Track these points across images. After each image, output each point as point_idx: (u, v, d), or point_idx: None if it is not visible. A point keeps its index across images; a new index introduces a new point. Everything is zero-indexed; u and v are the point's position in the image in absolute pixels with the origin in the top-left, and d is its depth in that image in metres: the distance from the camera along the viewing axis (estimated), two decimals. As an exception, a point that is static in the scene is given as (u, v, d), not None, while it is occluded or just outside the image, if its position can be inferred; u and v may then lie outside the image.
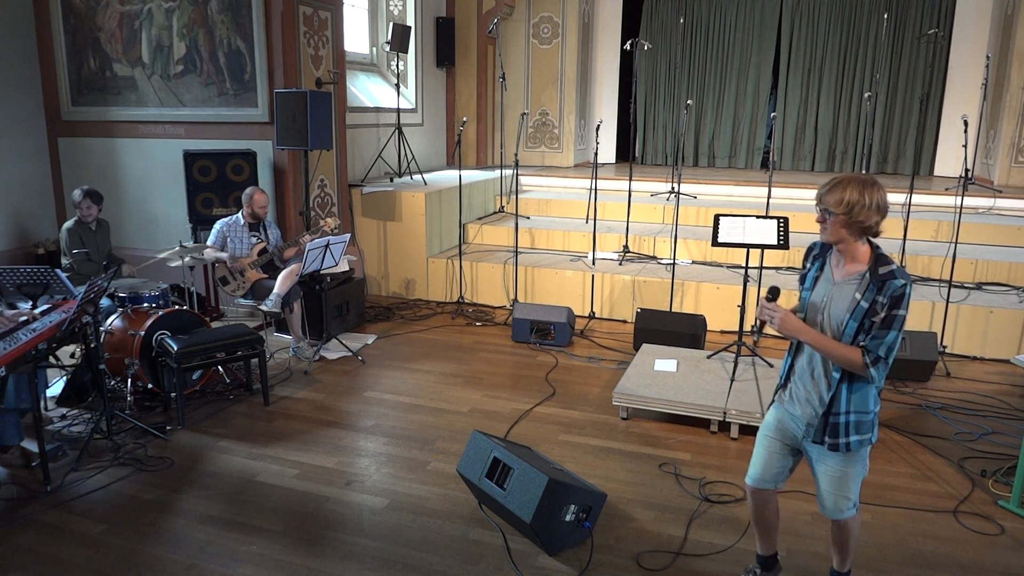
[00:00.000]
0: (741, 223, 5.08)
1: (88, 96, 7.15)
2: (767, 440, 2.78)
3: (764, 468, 2.79)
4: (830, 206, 2.44)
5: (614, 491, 3.74)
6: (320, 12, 6.90)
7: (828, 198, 2.45)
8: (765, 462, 2.78)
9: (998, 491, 3.78)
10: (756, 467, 2.81)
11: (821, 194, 2.49)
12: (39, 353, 3.70)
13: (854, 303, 2.46)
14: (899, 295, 2.39)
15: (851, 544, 2.81)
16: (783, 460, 2.77)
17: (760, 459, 2.79)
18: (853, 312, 2.45)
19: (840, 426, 2.56)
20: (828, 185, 2.48)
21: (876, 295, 2.42)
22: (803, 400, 2.65)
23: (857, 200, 2.39)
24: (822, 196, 2.48)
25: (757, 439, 2.83)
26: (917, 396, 5.05)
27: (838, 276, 2.54)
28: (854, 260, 2.51)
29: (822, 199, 2.48)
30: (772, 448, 2.77)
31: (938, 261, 6.35)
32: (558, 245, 7.81)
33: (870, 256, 2.50)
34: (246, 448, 4.24)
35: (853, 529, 2.76)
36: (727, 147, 10.88)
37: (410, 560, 3.22)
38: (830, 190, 2.45)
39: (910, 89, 9.85)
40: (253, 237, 5.73)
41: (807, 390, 2.64)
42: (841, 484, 2.64)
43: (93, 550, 3.27)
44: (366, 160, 8.16)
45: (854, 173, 2.61)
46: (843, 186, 2.43)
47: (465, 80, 10.22)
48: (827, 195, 2.46)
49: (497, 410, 4.83)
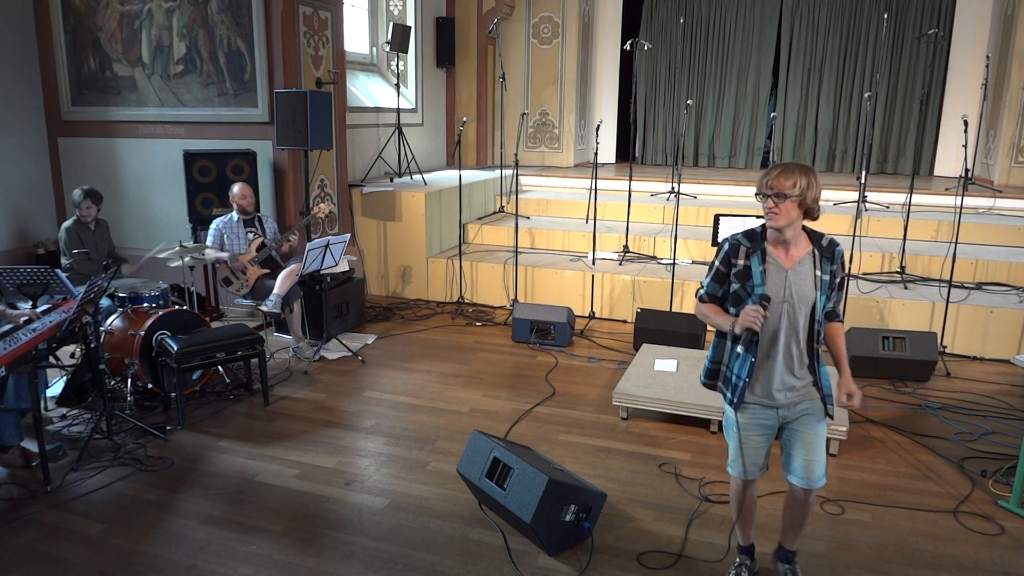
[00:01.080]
0: (741, 223, 5.08)
1: (88, 96, 7.15)
2: (747, 437, 2.80)
3: (752, 461, 2.83)
4: (785, 189, 2.53)
5: (614, 491, 3.74)
6: (320, 12, 6.90)
7: (781, 182, 2.53)
8: (752, 456, 2.82)
9: (998, 491, 3.78)
10: (746, 461, 2.83)
11: (769, 181, 2.56)
12: (39, 353, 3.70)
13: (816, 280, 2.62)
14: (843, 258, 2.70)
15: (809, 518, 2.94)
16: (765, 449, 2.85)
17: (747, 453, 2.82)
18: (820, 287, 2.63)
19: (831, 396, 2.75)
20: (774, 172, 2.57)
21: (831, 264, 2.65)
22: (784, 388, 2.69)
23: (807, 183, 2.54)
24: (771, 182, 2.55)
25: (734, 437, 2.84)
26: (917, 396, 5.05)
27: (789, 262, 2.63)
28: (798, 244, 2.63)
29: (772, 184, 2.55)
30: (756, 444, 2.81)
31: (938, 261, 6.35)
32: (558, 245, 7.81)
33: (806, 237, 2.67)
34: (246, 448, 4.24)
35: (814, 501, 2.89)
36: (727, 147, 10.88)
37: (410, 560, 3.22)
38: (779, 175, 2.54)
39: (910, 89, 9.85)
40: (249, 232, 5.73)
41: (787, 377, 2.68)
42: (820, 444, 2.77)
43: (93, 550, 3.27)
44: (366, 160, 8.16)
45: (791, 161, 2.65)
46: (791, 171, 2.54)
47: (465, 80, 10.22)
48: (778, 180, 2.54)
49: (497, 410, 4.83)
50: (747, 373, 2.71)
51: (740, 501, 2.94)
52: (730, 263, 2.70)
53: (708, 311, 2.78)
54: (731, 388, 2.78)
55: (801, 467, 2.76)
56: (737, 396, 2.76)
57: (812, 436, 2.74)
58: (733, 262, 2.69)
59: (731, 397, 2.78)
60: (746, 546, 3.07)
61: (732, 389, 2.78)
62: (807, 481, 2.76)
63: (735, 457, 2.86)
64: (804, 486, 2.78)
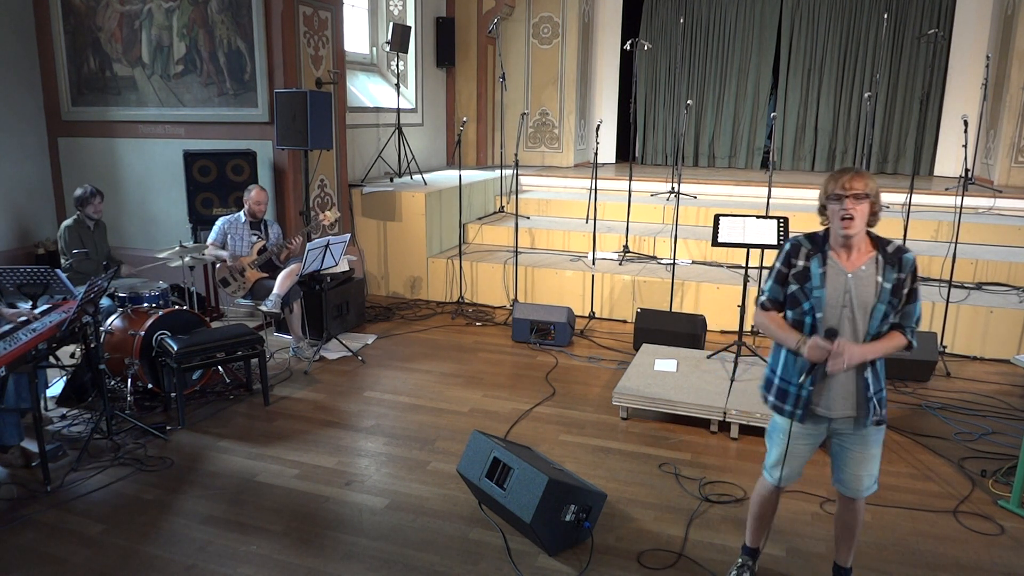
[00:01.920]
0: (741, 223, 5.08)
1: (88, 96, 7.15)
2: (794, 446, 2.70)
3: (792, 469, 2.77)
4: (863, 190, 2.46)
5: (614, 491, 3.74)
6: (320, 12, 6.90)
7: (856, 184, 2.46)
8: (792, 464, 2.75)
9: (998, 491, 3.78)
10: (785, 468, 2.75)
11: (844, 182, 2.47)
12: (39, 353, 3.70)
13: (878, 287, 2.52)
14: (915, 266, 2.55)
15: (860, 528, 2.87)
16: (807, 458, 2.80)
17: (790, 465, 2.74)
18: (880, 296, 2.52)
19: (881, 401, 2.63)
20: (846, 175, 2.48)
21: (897, 273, 2.52)
22: (839, 398, 2.60)
23: (876, 186, 2.50)
24: (847, 183, 2.46)
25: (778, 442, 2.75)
26: (917, 396, 5.05)
27: (850, 267, 2.54)
28: (860, 248, 2.55)
29: (849, 185, 2.46)
30: (801, 453, 2.75)
31: (938, 261, 6.34)
32: (558, 245, 7.81)
33: (869, 242, 2.58)
34: (246, 448, 4.24)
35: (863, 509, 2.83)
36: (727, 147, 10.88)
37: (410, 560, 3.22)
38: (853, 177, 2.47)
39: (910, 89, 9.85)
40: (254, 235, 5.73)
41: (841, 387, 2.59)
42: (872, 460, 2.70)
43: (93, 550, 3.27)
44: (366, 160, 8.16)
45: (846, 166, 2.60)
46: (860, 173, 2.48)
47: (465, 80, 10.22)
48: (852, 181, 2.46)
49: (497, 410, 4.83)
50: (811, 381, 2.60)
51: (764, 506, 2.90)
52: (790, 263, 2.61)
53: (771, 323, 2.66)
54: (791, 399, 2.65)
55: (850, 479, 2.73)
56: (801, 406, 2.63)
57: (865, 453, 2.68)
58: (793, 262, 2.60)
59: (791, 408, 2.65)
60: (752, 548, 3.04)
61: (793, 400, 2.65)
62: (855, 492, 2.74)
63: (775, 463, 2.78)
64: (851, 495, 2.76)
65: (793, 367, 2.65)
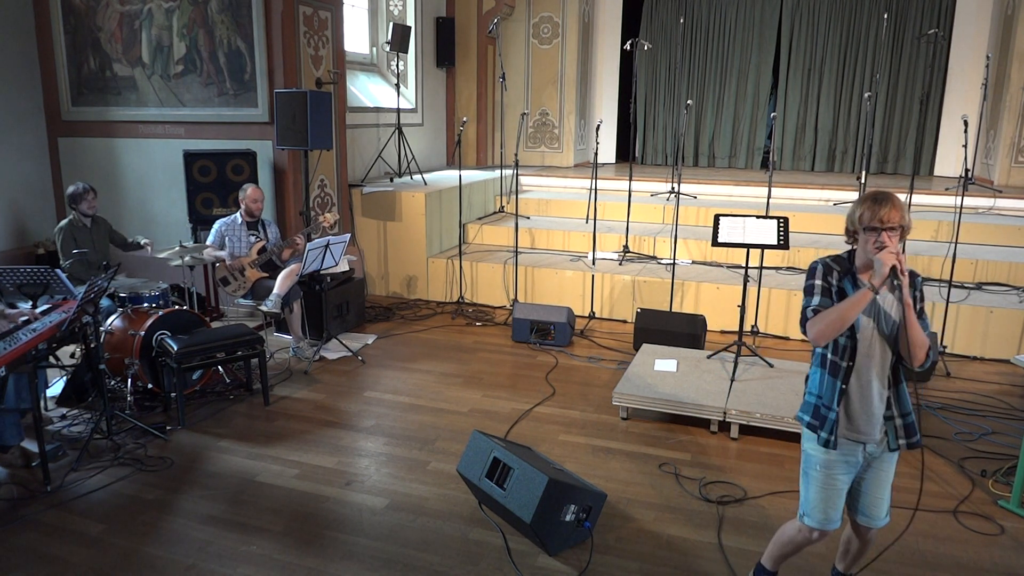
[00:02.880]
0: (741, 223, 5.08)
1: (88, 96, 7.15)
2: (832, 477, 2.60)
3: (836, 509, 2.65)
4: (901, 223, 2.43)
5: (614, 491, 3.74)
6: (320, 12, 6.90)
7: (893, 217, 2.42)
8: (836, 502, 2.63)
9: (998, 491, 3.78)
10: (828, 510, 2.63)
11: (882, 216, 2.41)
12: (39, 353, 3.71)
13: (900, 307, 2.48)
14: (923, 286, 2.57)
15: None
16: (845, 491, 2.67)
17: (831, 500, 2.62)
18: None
19: (913, 424, 2.58)
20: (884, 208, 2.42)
21: (913, 291, 2.53)
22: (871, 419, 2.54)
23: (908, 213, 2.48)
24: (884, 216, 2.41)
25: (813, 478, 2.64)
26: (917, 396, 5.04)
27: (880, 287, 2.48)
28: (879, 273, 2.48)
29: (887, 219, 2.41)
30: (841, 486, 2.62)
31: (938, 261, 6.34)
32: (558, 245, 7.81)
33: None
34: (246, 448, 4.24)
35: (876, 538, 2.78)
36: (727, 147, 10.88)
37: (410, 560, 3.22)
38: (891, 211, 2.42)
39: (910, 89, 9.85)
40: (251, 236, 5.72)
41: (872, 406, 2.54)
42: (889, 483, 2.66)
43: (93, 550, 3.27)
44: (366, 160, 8.16)
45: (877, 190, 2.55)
46: (895, 205, 2.44)
47: (465, 80, 10.22)
48: (890, 214, 2.42)
49: (497, 410, 4.83)
50: (836, 403, 2.54)
51: (797, 550, 2.79)
52: (828, 280, 2.56)
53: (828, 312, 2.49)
54: (820, 421, 2.58)
55: (869, 505, 2.64)
56: (827, 429, 2.55)
57: (886, 474, 2.63)
58: (829, 280, 2.56)
59: (825, 435, 2.56)
60: (772, 571, 2.94)
61: (822, 421, 2.58)
62: (872, 520, 2.67)
63: (816, 504, 2.62)
64: (868, 525, 2.69)
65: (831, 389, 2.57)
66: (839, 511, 2.64)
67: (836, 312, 2.46)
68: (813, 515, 2.65)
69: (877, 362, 2.52)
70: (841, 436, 2.56)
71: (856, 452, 2.59)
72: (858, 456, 2.60)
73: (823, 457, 2.60)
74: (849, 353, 2.53)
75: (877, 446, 2.58)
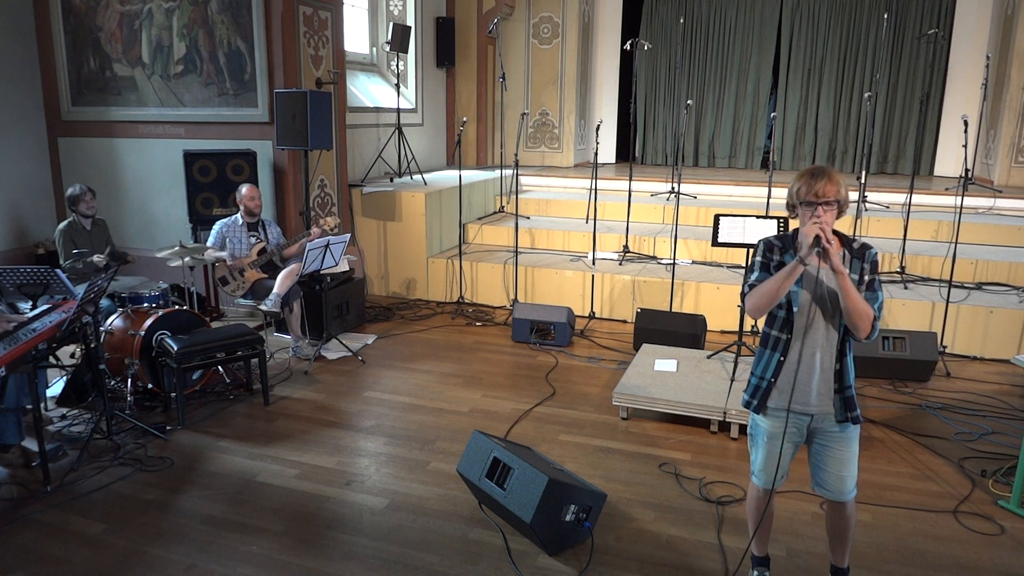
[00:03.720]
0: (741, 223, 5.08)
1: (88, 96, 7.15)
2: (777, 447, 2.71)
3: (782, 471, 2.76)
4: (836, 197, 2.53)
5: (614, 491, 3.74)
6: (320, 12, 6.90)
7: (828, 191, 2.52)
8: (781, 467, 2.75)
9: (998, 491, 3.78)
10: (769, 470, 2.77)
11: (817, 189, 2.53)
12: (39, 353, 3.70)
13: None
14: (876, 260, 2.64)
15: (852, 531, 2.86)
16: (791, 457, 2.80)
17: (771, 461, 2.75)
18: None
19: (853, 399, 2.66)
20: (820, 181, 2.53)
21: (862, 264, 2.61)
22: (816, 393, 2.63)
23: (845, 188, 2.58)
24: (820, 191, 2.53)
25: (759, 443, 2.79)
26: (917, 396, 5.05)
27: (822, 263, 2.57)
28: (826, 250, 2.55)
29: (822, 192, 2.52)
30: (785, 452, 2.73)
31: (938, 261, 6.34)
32: (558, 245, 7.81)
33: (836, 239, 2.63)
34: (246, 448, 4.24)
35: (854, 512, 2.83)
36: (727, 147, 10.88)
37: (410, 560, 3.22)
38: (827, 183, 2.53)
39: (910, 89, 9.85)
40: (252, 237, 5.72)
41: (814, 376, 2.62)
42: (852, 460, 2.72)
43: (93, 550, 3.27)
44: (366, 160, 8.16)
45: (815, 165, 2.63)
46: (831, 177, 2.54)
47: (465, 80, 10.22)
48: (826, 188, 2.53)
49: (497, 410, 4.83)
50: (772, 374, 2.67)
51: (761, 512, 2.88)
52: (768, 257, 2.66)
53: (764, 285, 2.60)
54: (752, 390, 2.74)
55: (833, 481, 2.73)
56: (758, 397, 2.71)
57: (846, 453, 2.70)
58: (770, 256, 2.66)
59: (748, 398, 2.73)
60: (761, 556, 3.02)
61: (753, 391, 2.73)
62: (838, 495, 2.75)
63: (762, 466, 2.79)
64: (835, 499, 2.77)
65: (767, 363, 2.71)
66: (782, 474, 2.78)
67: (768, 284, 2.59)
68: (760, 476, 2.83)
69: (821, 335, 2.62)
70: (780, 407, 2.67)
71: (800, 424, 2.70)
72: (802, 428, 2.71)
73: (768, 428, 2.74)
74: (787, 327, 2.64)
75: (825, 419, 2.67)
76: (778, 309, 2.65)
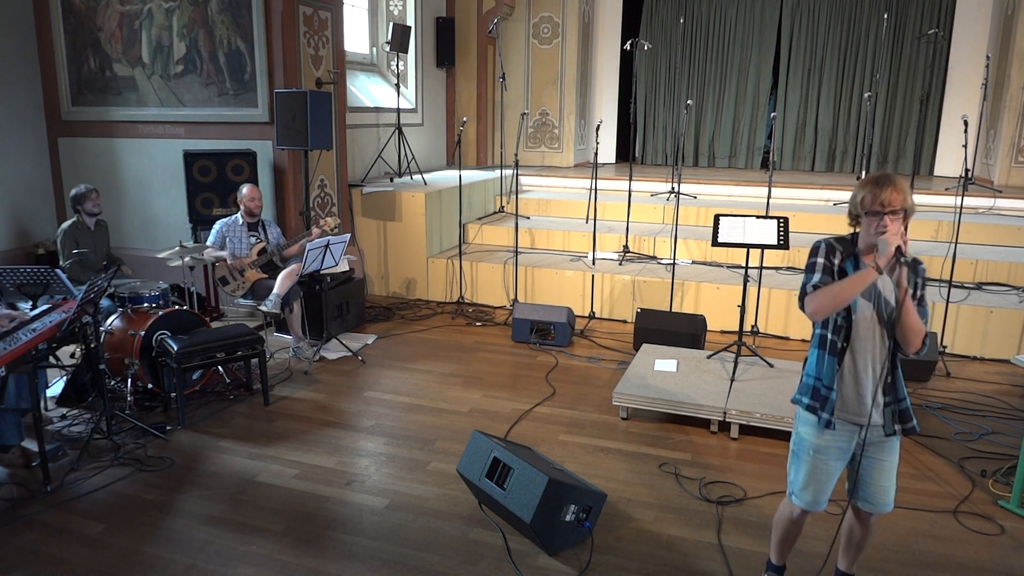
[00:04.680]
0: (741, 223, 5.08)
1: (88, 96, 7.15)
2: (825, 463, 2.62)
3: (825, 492, 2.67)
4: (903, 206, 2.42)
5: (614, 491, 3.74)
6: (320, 12, 6.90)
7: (895, 200, 2.40)
8: (825, 486, 2.65)
9: (998, 491, 3.78)
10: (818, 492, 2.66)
11: (883, 199, 2.40)
12: (39, 353, 3.70)
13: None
14: (926, 275, 2.59)
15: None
16: (838, 475, 2.68)
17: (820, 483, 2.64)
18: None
19: (908, 410, 2.60)
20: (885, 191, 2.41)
21: (915, 278, 2.54)
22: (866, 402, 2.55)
23: (911, 196, 2.47)
24: (886, 199, 2.40)
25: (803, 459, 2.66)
26: (917, 396, 5.05)
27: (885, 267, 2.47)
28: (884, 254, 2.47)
29: (888, 201, 2.40)
30: (832, 470, 2.64)
31: (938, 261, 6.34)
32: (558, 245, 7.81)
33: None
34: (246, 448, 4.24)
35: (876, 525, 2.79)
36: (727, 147, 10.88)
37: (410, 560, 3.22)
38: (892, 191, 2.40)
39: (910, 89, 9.85)
40: (252, 237, 5.72)
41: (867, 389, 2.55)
42: (895, 470, 2.66)
43: (93, 550, 3.27)
44: (366, 160, 8.16)
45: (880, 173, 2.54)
46: (897, 188, 2.42)
47: (465, 80, 10.22)
48: (892, 196, 2.40)
49: (497, 410, 4.83)
50: (833, 381, 2.55)
51: (792, 531, 2.81)
52: (830, 259, 2.56)
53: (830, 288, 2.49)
54: (821, 402, 2.58)
55: (876, 493, 2.63)
56: (821, 402, 2.57)
57: (888, 462, 2.63)
58: (831, 259, 2.56)
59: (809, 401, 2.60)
60: (779, 565, 2.95)
61: (813, 393, 2.61)
62: (879, 507, 2.66)
63: (805, 486, 2.65)
64: (875, 512, 2.68)
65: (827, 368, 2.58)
66: (827, 494, 2.67)
67: (837, 288, 2.48)
68: (802, 496, 2.68)
69: (876, 346, 2.55)
70: (836, 418, 2.58)
71: (850, 436, 2.61)
72: (851, 440, 2.61)
73: (815, 441, 2.62)
74: (844, 334, 2.55)
75: (873, 431, 2.58)
76: (838, 316, 2.55)
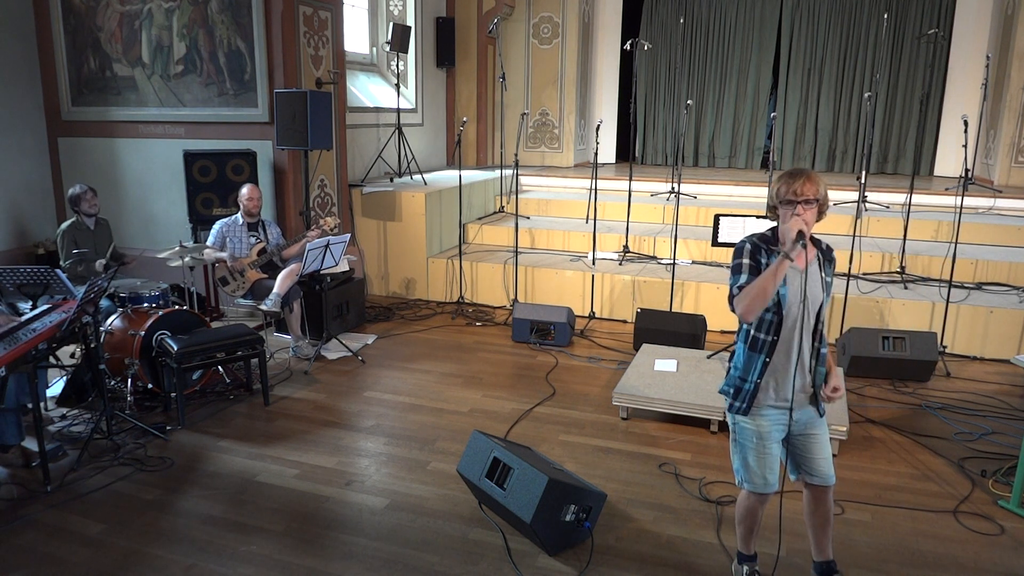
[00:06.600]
0: (741, 223, 5.08)
1: (88, 96, 7.15)
2: (767, 447, 2.74)
3: (773, 472, 2.78)
4: (816, 196, 2.58)
5: (614, 491, 3.74)
6: (320, 12, 6.90)
7: (808, 190, 2.57)
8: (772, 466, 2.77)
9: (998, 491, 3.78)
10: (766, 474, 2.76)
11: (796, 188, 2.57)
12: (39, 353, 3.70)
13: (822, 282, 2.70)
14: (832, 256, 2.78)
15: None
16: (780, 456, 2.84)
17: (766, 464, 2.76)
18: (825, 289, 2.72)
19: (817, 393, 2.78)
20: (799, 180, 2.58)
21: (831, 268, 2.75)
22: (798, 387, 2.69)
23: (825, 189, 2.64)
24: (799, 189, 2.56)
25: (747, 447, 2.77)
26: (917, 396, 5.05)
27: (801, 264, 2.61)
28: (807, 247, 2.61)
29: (801, 191, 2.56)
30: (774, 452, 2.77)
31: (938, 261, 6.34)
32: (558, 245, 7.81)
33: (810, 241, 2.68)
34: (246, 448, 4.24)
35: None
36: (727, 147, 10.88)
37: (410, 560, 3.22)
38: (805, 182, 2.57)
39: (910, 89, 9.85)
40: (252, 237, 5.72)
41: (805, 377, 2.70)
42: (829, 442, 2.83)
43: (93, 550, 3.27)
44: (366, 160, 8.17)
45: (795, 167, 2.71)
46: (811, 177, 2.59)
47: (465, 80, 10.22)
48: (805, 187, 2.57)
49: (497, 410, 4.83)
50: (758, 375, 2.69)
51: (755, 519, 2.89)
52: (756, 259, 2.65)
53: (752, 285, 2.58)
54: (734, 392, 2.76)
55: (822, 465, 2.78)
56: (742, 399, 2.72)
57: (824, 436, 2.79)
58: (759, 259, 2.65)
59: (739, 404, 2.73)
60: (750, 555, 3.02)
61: (735, 392, 2.76)
62: (827, 478, 2.80)
63: (755, 471, 2.77)
64: (825, 484, 2.81)
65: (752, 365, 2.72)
66: (776, 474, 2.79)
67: (757, 285, 2.58)
68: (754, 481, 2.79)
69: (801, 333, 2.67)
70: (768, 405, 2.71)
71: (784, 420, 2.74)
72: (784, 424, 2.74)
73: (755, 428, 2.74)
74: (775, 328, 2.66)
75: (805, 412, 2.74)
76: (765, 312, 2.65)
